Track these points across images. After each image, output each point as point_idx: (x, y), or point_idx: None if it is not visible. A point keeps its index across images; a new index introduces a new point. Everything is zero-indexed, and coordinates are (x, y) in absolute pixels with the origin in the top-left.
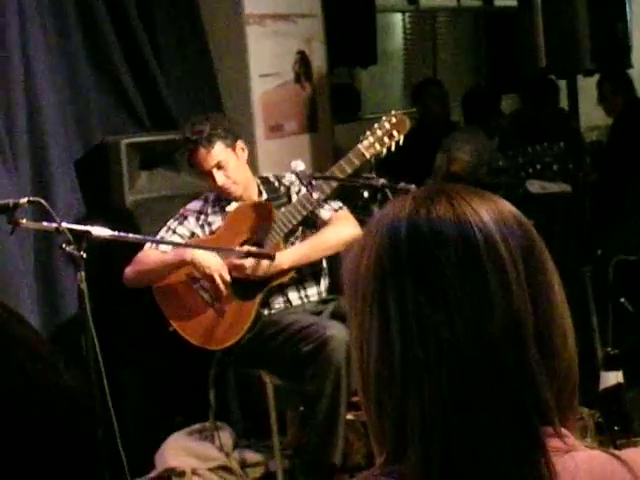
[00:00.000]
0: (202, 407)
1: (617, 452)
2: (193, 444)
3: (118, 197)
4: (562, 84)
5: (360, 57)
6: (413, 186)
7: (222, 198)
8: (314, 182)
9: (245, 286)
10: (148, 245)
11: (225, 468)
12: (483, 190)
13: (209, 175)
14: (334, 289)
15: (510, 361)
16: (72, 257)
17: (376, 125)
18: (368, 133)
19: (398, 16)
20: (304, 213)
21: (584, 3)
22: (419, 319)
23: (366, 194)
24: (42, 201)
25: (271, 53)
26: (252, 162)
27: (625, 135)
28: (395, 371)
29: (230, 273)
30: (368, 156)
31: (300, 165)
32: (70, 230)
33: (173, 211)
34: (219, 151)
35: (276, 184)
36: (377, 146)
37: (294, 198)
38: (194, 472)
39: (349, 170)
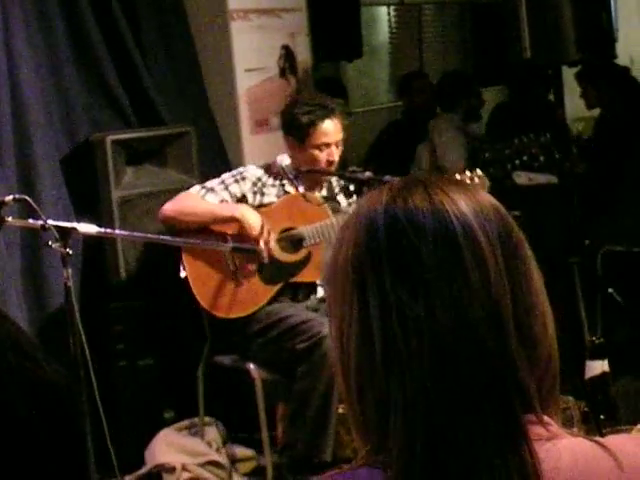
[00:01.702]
0: (191, 402)
1: (600, 439)
2: (183, 440)
3: (104, 194)
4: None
5: (345, 51)
6: (397, 179)
7: (284, 176)
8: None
9: (272, 269)
10: (196, 189)
11: (215, 463)
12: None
13: (326, 147)
14: None
15: (491, 349)
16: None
17: (458, 177)
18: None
19: (383, 9)
20: None
21: None
22: (399, 309)
23: (352, 187)
24: (28, 198)
25: (256, 48)
26: (238, 157)
27: (613, 126)
28: (376, 362)
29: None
30: None
31: (286, 159)
32: (56, 227)
33: (159, 207)
34: (342, 129)
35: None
36: None
37: (341, 199)
38: (184, 468)
39: None
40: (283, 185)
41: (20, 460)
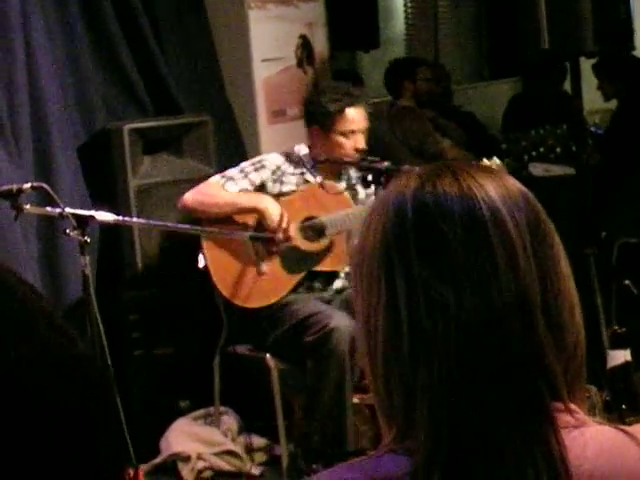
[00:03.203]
0: (207, 392)
1: (626, 428)
2: (198, 429)
3: (121, 182)
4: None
5: (362, 41)
6: (417, 169)
7: (305, 164)
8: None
9: (295, 259)
10: (216, 178)
11: (230, 453)
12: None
13: (352, 134)
14: None
15: (518, 334)
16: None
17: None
18: None
19: (400, 0)
20: None
21: None
22: (426, 292)
23: (370, 177)
24: (46, 186)
25: (273, 38)
26: (255, 147)
27: (629, 118)
28: (403, 345)
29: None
30: None
31: (303, 149)
32: (74, 215)
33: (177, 196)
34: (366, 117)
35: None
36: None
37: (359, 190)
38: (199, 457)
39: None
40: (303, 174)
41: (61, 434)
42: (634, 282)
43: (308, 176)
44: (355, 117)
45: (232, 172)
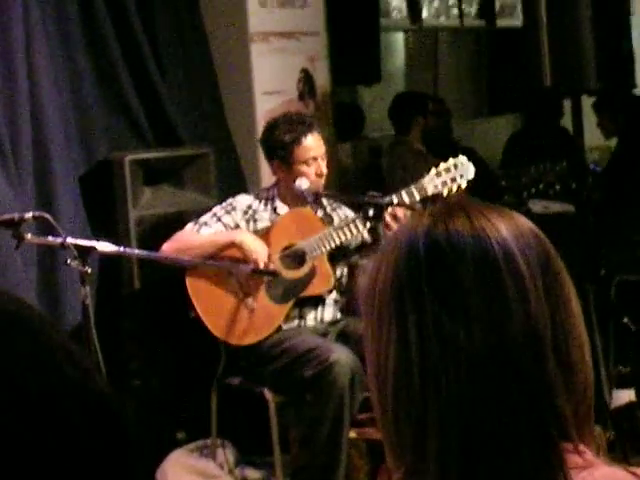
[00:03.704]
0: (204, 423)
1: (634, 469)
2: (194, 461)
3: (122, 213)
4: (566, 103)
5: (364, 75)
6: (419, 206)
7: (274, 199)
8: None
9: (281, 288)
10: (190, 226)
11: None
12: (499, 206)
13: (314, 161)
14: (345, 310)
15: (529, 373)
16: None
17: (442, 165)
18: (433, 171)
19: (400, 35)
20: (350, 235)
21: (589, 22)
22: (437, 330)
23: (371, 212)
24: (48, 216)
25: (275, 71)
26: (255, 179)
27: (628, 155)
28: (413, 383)
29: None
30: (429, 192)
31: (305, 183)
32: (75, 245)
33: (177, 228)
34: (323, 142)
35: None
36: (439, 185)
37: (335, 218)
38: None
39: (407, 201)
40: (275, 208)
41: (76, 471)
42: (632, 319)
43: (280, 209)
44: (312, 144)
45: (205, 218)
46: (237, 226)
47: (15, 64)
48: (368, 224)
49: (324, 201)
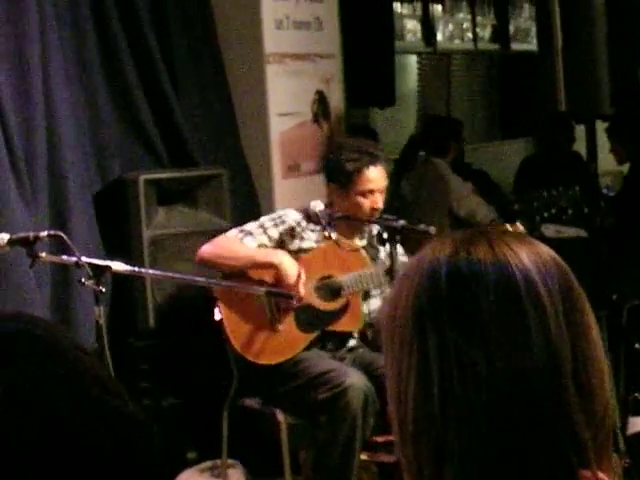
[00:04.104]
0: (215, 444)
1: None
2: None
3: (135, 233)
4: (580, 128)
5: (378, 98)
6: (432, 228)
7: (322, 221)
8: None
9: (309, 317)
10: (234, 232)
11: None
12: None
13: (371, 194)
14: (367, 343)
15: (548, 401)
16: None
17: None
18: None
19: (413, 57)
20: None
21: (604, 48)
22: (458, 356)
23: (385, 235)
24: (63, 235)
25: (290, 92)
26: (269, 201)
27: None
28: (434, 409)
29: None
30: None
31: (319, 205)
32: (90, 264)
33: (190, 248)
34: (386, 176)
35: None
36: None
37: (380, 248)
38: None
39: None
40: (323, 229)
41: None
42: None
43: (327, 232)
44: (374, 177)
45: (251, 226)
46: (282, 241)
47: (32, 84)
48: (383, 247)
49: (374, 231)
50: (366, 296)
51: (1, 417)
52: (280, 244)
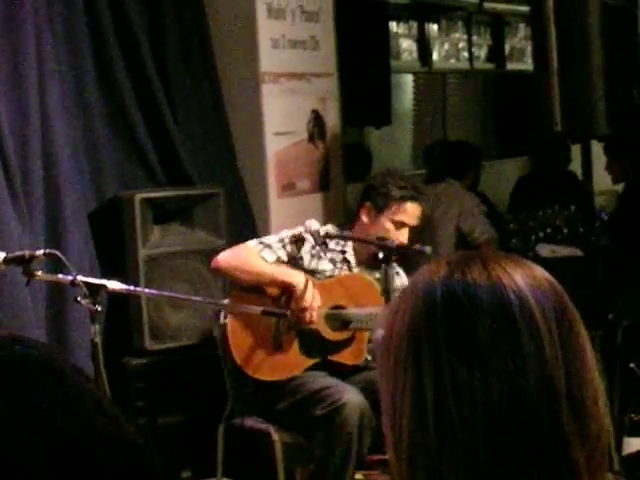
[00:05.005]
0: (210, 462)
1: None
2: None
3: (131, 251)
4: (575, 148)
5: (374, 117)
6: (428, 248)
7: (319, 242)
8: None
9: (314, 343)
10: (253, 244)
11: None
12: (516, 255)
13: (401, 227)
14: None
15: (543, 423)
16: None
17: None
18: None
19: (409, 77)
20: None
21: (600, 68)
22: (453, 378)
23: (381, 255)
24: (58, 254)
25: (285, 111)
26: (264, 220)
27: (637, 200)
28: (429, 432)
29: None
30: None
31: (315, 224)
32: (85, 283)
33: (186, 267)
34: (420, 218)
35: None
36: None
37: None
38: None
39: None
40: (343, 252)
41: None
42: (639, 365)
43: (348, 255)
44: (412, 212)
45: (270, 240)
46: (301, 258)
47: (28, 103)
48: (378, 268)
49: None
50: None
51: (1, 442)
52: (296, 260)
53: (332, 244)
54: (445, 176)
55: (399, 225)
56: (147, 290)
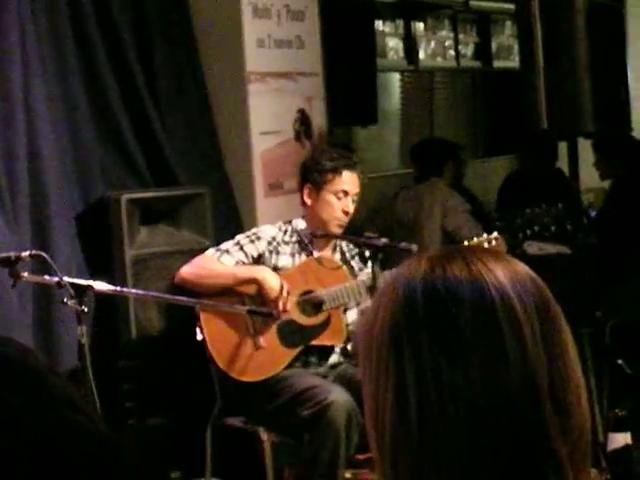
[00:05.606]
0: (199, 463)
1: None
2: None
3: (118, 252)
4: (562, 145)
5: (360, 116)
6: (414, 246)
7: (304, 238)
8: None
9: (292, 332)
10: (211, 252)
11: None
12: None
13: (344, 196)
14: (349, 355)
15: (526, 418)
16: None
17: (476, 240)
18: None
19: (396, 75)
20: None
21: (586, 66)
22: (435, 377)
23: (367, 253)
24: (45, 255)
25: (272, 111)
26: (251, 220)
27: (625, 198)
28: (411, 430)
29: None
30: None
31: (301, 224)
32: (72, 284)
33: (173, 267)
34: (360, 185)
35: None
36: None
37: (354, 264)
38: None
39: None
40: (299, 242)
41: None
42: (627, 362)
43: (304, 245)
44: (350, 179)
45: (227, 245)
46: (260, 256)
47: (13, 103)
48: (365, 265)
49: (344, 246)
50: (344, 309)
51: None
52: (257, 260)
53: (286, 237)
54: (428, 175)
55: (342, 194)
56: (134, 290)
